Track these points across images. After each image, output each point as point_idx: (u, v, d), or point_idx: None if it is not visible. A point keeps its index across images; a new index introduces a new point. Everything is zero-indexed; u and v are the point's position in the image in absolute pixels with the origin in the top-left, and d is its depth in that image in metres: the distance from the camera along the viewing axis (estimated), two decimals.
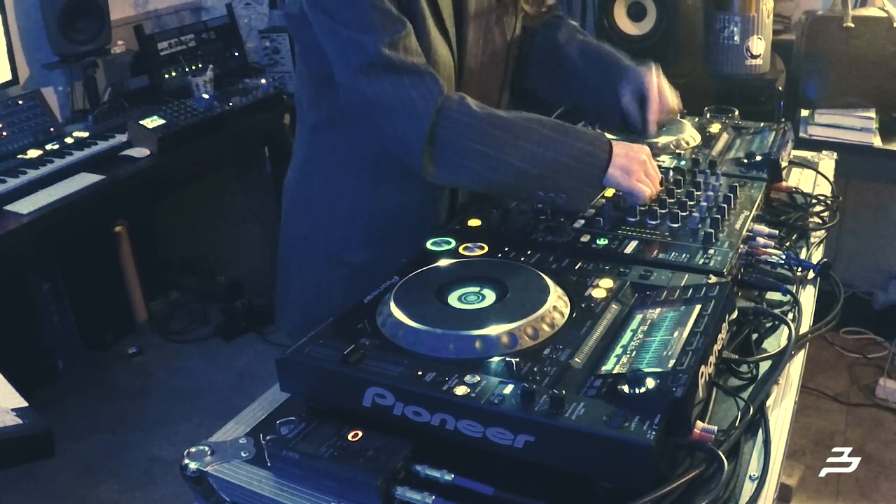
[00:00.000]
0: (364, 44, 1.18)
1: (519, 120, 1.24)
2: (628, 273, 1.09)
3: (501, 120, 1.23)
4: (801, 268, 1.23)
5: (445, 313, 0.97)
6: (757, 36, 2.47)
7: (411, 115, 1.19)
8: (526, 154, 1.21)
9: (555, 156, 1.21)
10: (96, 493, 2.48)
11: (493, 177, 1.23)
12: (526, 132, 1.22)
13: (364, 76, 1.19)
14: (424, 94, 1.19)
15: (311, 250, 1.45)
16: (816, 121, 2.51)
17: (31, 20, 2.71)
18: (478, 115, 1.21)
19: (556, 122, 1.27)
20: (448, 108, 1.20)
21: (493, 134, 1.21)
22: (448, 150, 1.21)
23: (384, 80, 1.19)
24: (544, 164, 1.21)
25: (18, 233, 2.09)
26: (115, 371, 3.12)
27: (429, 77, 1.21)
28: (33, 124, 2.50)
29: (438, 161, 1.21)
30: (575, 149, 1.22)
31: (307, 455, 0.82)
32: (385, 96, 1.19)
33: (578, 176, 1.23)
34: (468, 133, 1.20)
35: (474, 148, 1.21)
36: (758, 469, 0.84)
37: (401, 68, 1.19)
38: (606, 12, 2.66)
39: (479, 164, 1.22)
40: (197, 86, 2.79)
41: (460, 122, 1.20)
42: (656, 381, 0.79)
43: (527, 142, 1.22)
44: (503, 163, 1.21)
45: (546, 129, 1.24)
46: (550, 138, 1.22)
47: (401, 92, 1.19)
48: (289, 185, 1.49)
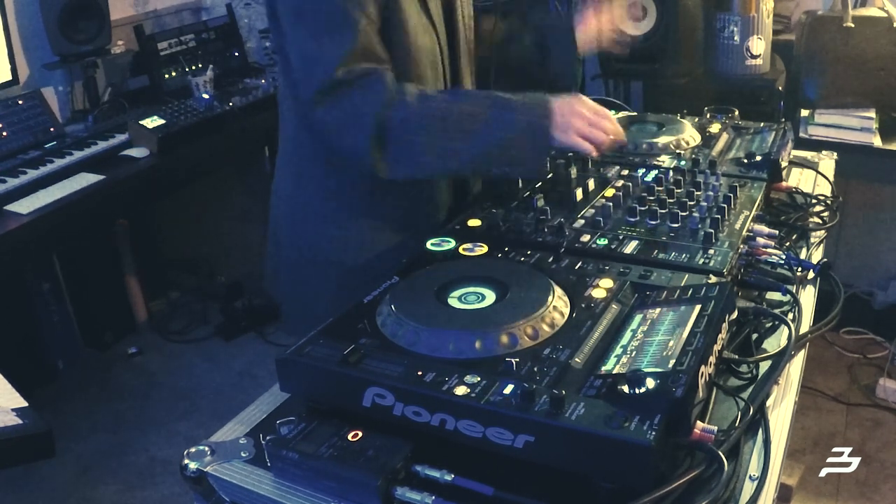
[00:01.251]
0: (323, 62, 1.20)
1: (459, 103, 1.25)
2: (628, 273, 1.09)
3: (442, 107, 1.23)
4: (801, 268, 1.23)
5: (445, 313, 0.97)
6: (757, 36, 2.47)
7: (356, 123, 1.21)
8: (471, 137, 1.22)
9: (500, 133, 1.22)
10: (96, 493, 2.47)
11: (446, 165, 1.25)
12: (468, 116, 1.23)
13: (320, 103, 1.22)
14: (369, 99, 1.21)
15: (308, 254, 1.44)
16: (816, 121, 2.51)
17: (31, 20, 2.70)
18: (417, 108, 1.22)
19: (496, 97, 1.27)
20: (389, 108, 1.21)
21: (436, 125, 1.22)
22: (396, 147, 1.23)
23: (335, 102, 1.22)
24: (491, 144, 1.22)
25: (18, 233, 2.09)
26: (115, 371, 3.11)
27: (374, 79, 1.22)
28: (33, 124, 2.50)
29: (389, 159, 1.23)
30: (518, 122, 1.23)
31: (307, 455, 0.82)
32: (338, 115, 1.23)
33: (526, 147, 1.24)
34: (412, 128, 1.22)
35: (420, 142, 1.22)
36: (758, 469, 0.84)
37: (350, 82, 1.21)
38: None
39: (428, 156, 1.23)
40: (197, 86, 2.79)
41: (402, 120, 1.22)
42: (656, 381, 0.79)
43: (470, 124, 1.23)
44: (451, 150, 1.23)
45: (487, 108, 1.24)
46: (492, 117, 1.23)
47: (348, 104, 1.21)
48: (280, 187, 1.48)
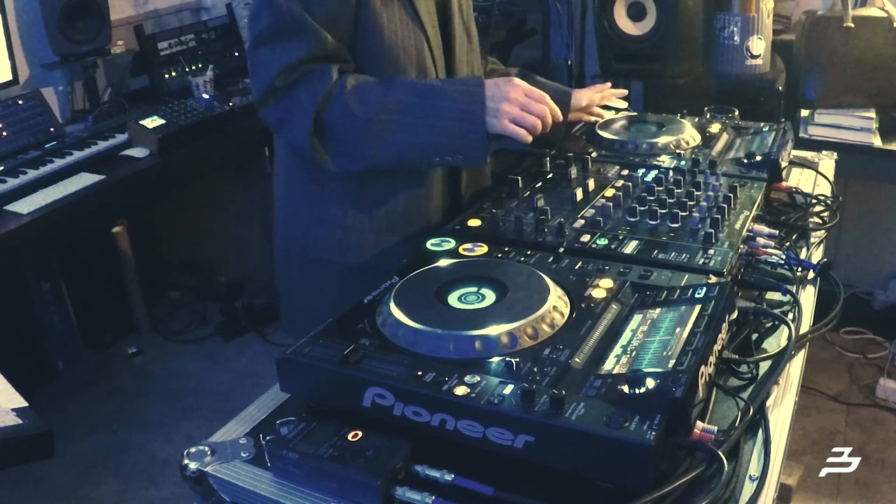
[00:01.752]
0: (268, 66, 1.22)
1: (395, 94, 1.24)
2: (628, 273, 1.09)
3: (378, 101, 1.23)
4: (801, 268, 1.23)
5: (445, 313, 0.97)
6: (757, 36, 2.47)
7: (295, 118, 1.23)
8: (407, 128, 1.22)
9: (434, 122, 1.22)
10: (96, 493, 2.47)
11: (386, 155, 1.25)
12: (402, 106, 1.23)
13: (265, 104, 1.25)
14: (308, 96, 1.22)
15: (307, 256, 1.44)
16: (816, 121, 2.51)
17: (31, 20, 2.70)
18: (352, 101, 1.22)
19: (429, 86, 1.27)
20: (327, 102, 1.22)
21: (370, 117, 1.23)
22: (335, 142, 1.24)
23: (277, 102, 1.24)
24: (428, 134, 1.22)
25: (18, 233, 2.09)
26: (115, 371, 3.11)
27: (315, 79, 1.23)
28: (33, 124, 2.49)
29: (330, 152, 1.25)
30: (451, 111, 1.23)
31: (307, 455, 0.82)
32: (278, 113, 1.25)
33: (462, 134, 1.23)
34: (348, 122, 1.23)
35: (358, 135, 1.23)
36: (758, 469, 0.84)
37: (297, 81, 1.22)
38: (606, 12, 2.66)
39: (367, 149, 1.24)
40: (197, 86, 2.79)
41: (337, 113, 1.22)
42: (656, 381, 0.79)
43: (405, 115, 1.23)
44: (388, 142, 1.23)
45: (420, 97, 1.24)
46: (426, 105, 1.23)
47: (291, 102, 1.23)
48: (278, 191, 1.48)
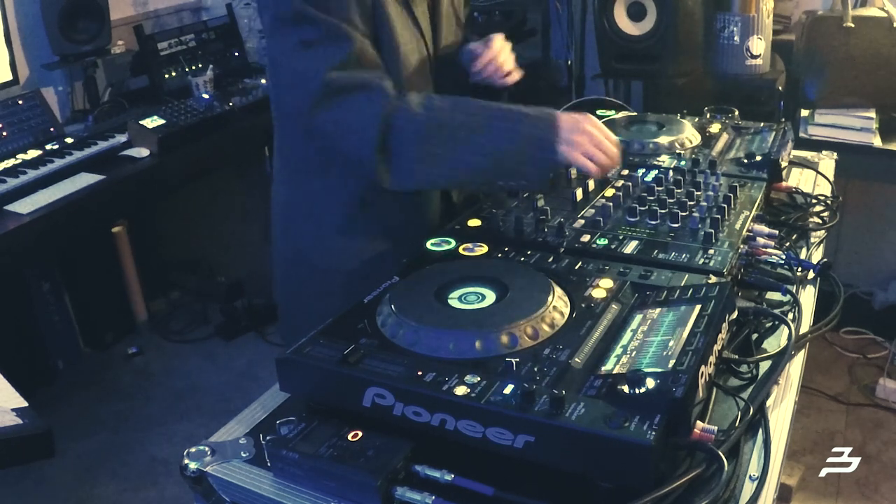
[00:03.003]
0: (316, 70, 1.20)
1: (465, 114, 1.23)
2: (628, 273, 1.09)
3: (447, 117, 1.22)
4: (801, 268, 1.23)
5: (445, 313, 0.97)
6: (757, 36, 2.47)
7: (359, 133, 1.21)
8: (476, 149, 1.21)
9: (505, 145, 1.21)
10: (96, 493, 2.47)
11: (449, 175, 1.24)
12: (473, 126, 1.22)
13: (317, 108, 1.22)
14: (371, 107, 1.20)
15: (290, 254, 1.44)
16: (816, 121, 2.51)
17: (31, 20, 2.70)
18: (422, 118, 1.21)
19: (500, 110, 1.26)
20: (393, 118, 1.20)
21: (441, 135, 1.21)
22: (399, 158, 1.21)
23: (334, 106, 1.21)
24: (496, 155, 1.21)
25: (18, 233, 2.09)
26: (115, 371, 3.11)
27: (376, 89, 1.21)
28: (33, 124, 2.49)
29: (393, 170, 1.22)
30: (523, 135, 1.22)
31: (307, 455, 0.82)
32: (336, 122, 1.22)
33: (531, 160, 1.22)
34: (416, 138, 1.21)
35: (425, 151, 1.21)
36: (758, 469, 0.84)
37: (350, 88, 1.20)
38: (606, 12, 2.66)
39: (432, 166, 1.22)
40: (197, 86, 2.79)
41: (407, 129, 1.21)
42: (656, 381, 0.79)
43: (476, 135, 1.21)
44: (456, 161, 1.22)
45: (493, 119, 1.23)
46: (498, 128, 1.22)
47: (348, 113, 1.21)
48: (276, 195, 1.48)
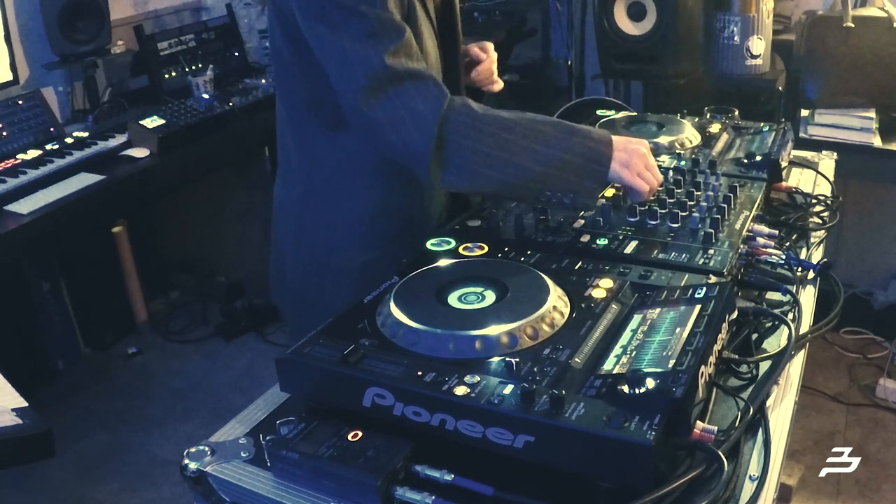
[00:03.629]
0: (368, 56, 1.17)
1: (522, 120, 1.23)
2: (628, 273, 1.09)
3: (505, 121, 1.22)
4: (801, 268, 1.23)
5: (445, 313, 0.97)
6: (757, 36, 2.47)
7: (417, 125, 1.18)
8: (531, 154, 1.20)
9: (560, 154, 1.20)
10: (96, 493, 2.47)
11: (501, 178, 1.22)
12: (530, 132, 1.21)
13: (371, 95, 1.18)
14: (429, 100, 1.18)
15: (304, 256, 1.44)
16: (816, 121, 2.51)
17: (31, 20, 2.70)
18: (482, 117, 1.21)
19: (556, 121, 1.26)
20: (453, 112, 1.19)
21: (499, 135, 1.20)
22: (455, 154, 1.19)
23: (390, 94, 1.18)
24: (550, 163, 1.20)
25: (18, 233, 2.09)
26: (115, 371, 3.11)
27: (431, 82, 1.20)
28: (33, 124, 2.49)
29: (446, 166, 1.20)
30: (579, 146, 1.22)
31: (307, 455, 0.82)
32: (392, 111, 1.19)
33: (583, 173, 1.22)
34: (474, 136, 1.19)
35: (481, 150, 1.19)
36: (758, 469, 0.84)
37: (404, 76, 1.18)
38: (606, 12, 2.66)
39: (486, 166, 1.20)
40: (197, 86, 2.79)
41: (466, 126, 1.19)
42: (656, 381, 0.79)
43: (532, 141, 1.21)
44: (510, 164, 1.20)
45: (549, 128, 1.23)
46: (555, 137, 1.22)
47: (406, 102, 1.18)
48: (286, 198, 1.48)
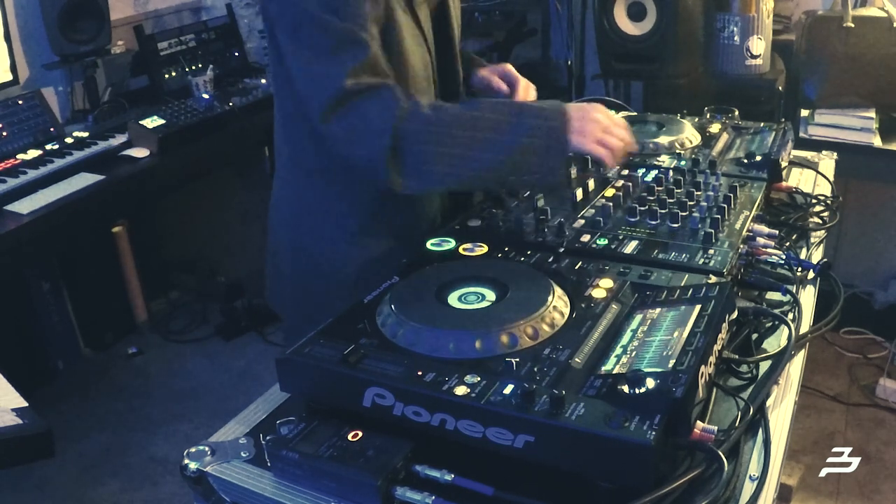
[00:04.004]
0: (329, 76, 1.19)
1: (473, 111, 1.24)
2: (628, 273, 1.09)
3: (455, 116, 1.23)
4: (801, 268, 1.23)
5: (445, 313, 0.97)
6: (757, 36, 2.47)
7: (371, 136, 1.20)
8: (486, 145, 1.21)
9: (516, 139, 1.21)
10: (96, 493, 2.47)
11: (462, 174, 1.23)
12: (481, 122, 1.22)
13: (330, 112, 1.21)
14: (382, 111, 1.20)
15: (315, 267, 1.44)
16: (816, 121, 2.51)
17: (31, 20, 2.70)
18: (432, 118, 1.21)
19: (506, 103, 1.26)
20: (403, 120, 1.20)
21: (451, 133, 1.21)
22: (413, 159, 1.21)
23: (347, 109, 1.20)
24: (507, 150, 1.21)
25: (18, 233, 2.09)
26: (115, 371, 3.11)
27: (385, 93, 1.21)
28: (33, 124, 2.49)
29: (405, 172, 1.22)
30: (532, 127, 1.21)
31: (307, 455, 0.82)
32: (348, 125, 1.21)
33: (542, 152, 1.21)
34: (429, 139, 1.21)
35: (436, 151, 1.21)
36: (758, 469, 0.84)
37: (362, 93, 1.20)
38: (606, 12, 2.66)
39: (444, 166, 1.22)
40: (197, 86, 2.79)
41: (418, 131, 1.21)
42: (656, 381, 0.79)
43: (484, 132, 1.21)
44: (467, 159, 1.21)
45: (499, 114, 1.23)
46: (507, 122, 1.22)
47: (361, 115, 1.20)
48: (281, 199, 1.49)
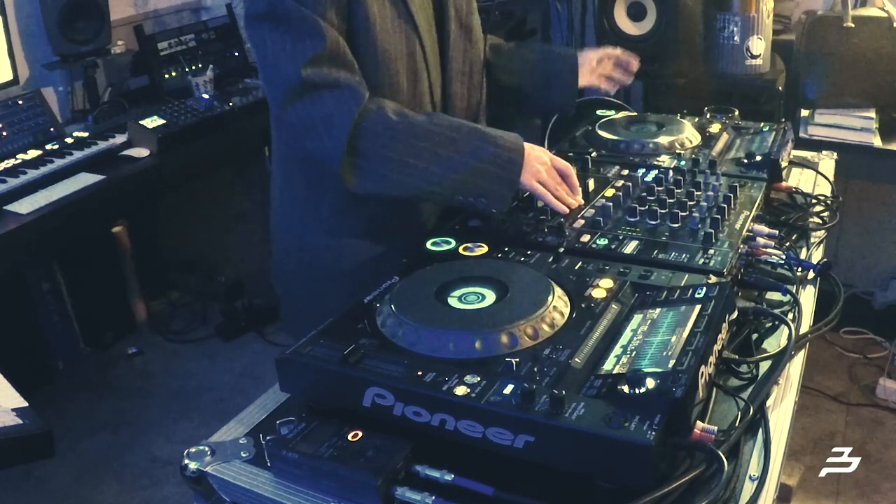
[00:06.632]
0: (286, 66, 1.20)
1: (437, 126, 1.25)
2: (628, 273, 1.09)
3: (419, 128, 1.24)
4: (801, 268, 1.23)
5: (445, 313, 0.97)
6: (757, 36, 2.47)
7: (329, 131, 1.20)
8: (443, 161, 1.23)
9: (471, 162, 1.23)
10: (96, 493, 2.47)
11: (413, 184, 1.24)
12: (443, 139, 1.24)
13: (287, 101, 1.21)
14: (342, 108, 1.20)
15: (302, 258, 1.44)
16: (816, 121, 2.51)
17: (31, 20, 2.70)
18: (396, 124, 1.22)
19: (473, 127, 1.28)
20: (367, 119, 1.20)
21: (411, 142, 1.22)
22: (368, 160, 1.22)
23: (305, 101, 1.21)
24: (462, 170, 1.23)
25: (18, 233, 2.09)
26: (115, 371, 3.11)
27: (347, 89, 1.21)
28: (33, 124, 2.49)
29: (359, 172, 1.23)
30: (491, 154, 1.24)
31: (307, 455, 0.82)
32: (307, 117, 1.22)
33: (496, 179, 1.24)
34: (386, 143, 1.22)
35: (393, 157, 1.22)
36: (758, 469, 0.84)
37: (321, 86, 1.20)
38: (606, 12, 2.66)
39: (398, 172, 1.23)
40: (197, 86, 2.79)
41: (378, 133, 1.21)
42: (656, 381, 0.79)
43: (444, 148, 1.23)
44: (422, 170, 1.23)
45: (463, 135, 1.25)
46: (467, 143, 1.24)
47: (320, 109, 1.20)
48: (274, 195, 1.48)
